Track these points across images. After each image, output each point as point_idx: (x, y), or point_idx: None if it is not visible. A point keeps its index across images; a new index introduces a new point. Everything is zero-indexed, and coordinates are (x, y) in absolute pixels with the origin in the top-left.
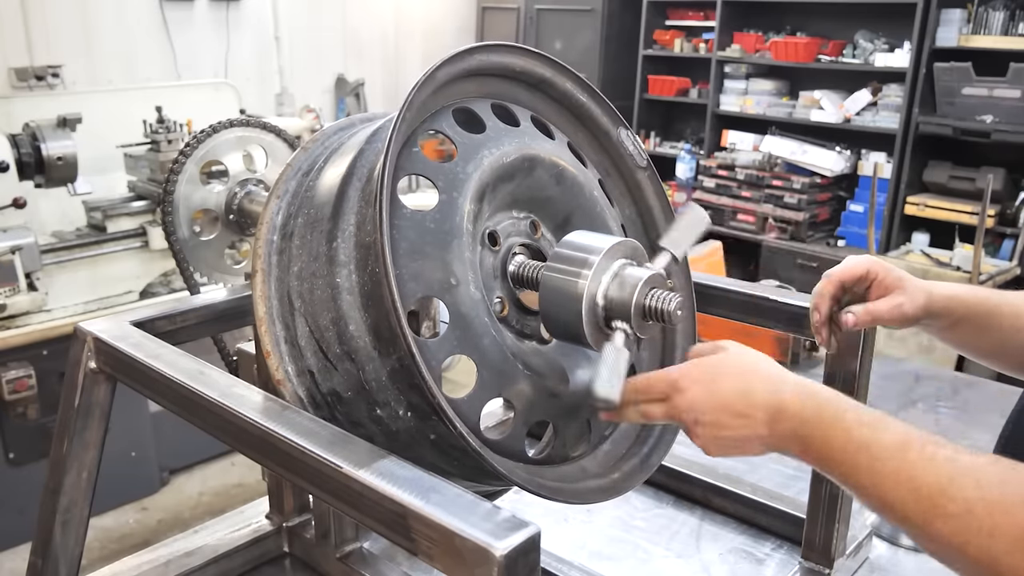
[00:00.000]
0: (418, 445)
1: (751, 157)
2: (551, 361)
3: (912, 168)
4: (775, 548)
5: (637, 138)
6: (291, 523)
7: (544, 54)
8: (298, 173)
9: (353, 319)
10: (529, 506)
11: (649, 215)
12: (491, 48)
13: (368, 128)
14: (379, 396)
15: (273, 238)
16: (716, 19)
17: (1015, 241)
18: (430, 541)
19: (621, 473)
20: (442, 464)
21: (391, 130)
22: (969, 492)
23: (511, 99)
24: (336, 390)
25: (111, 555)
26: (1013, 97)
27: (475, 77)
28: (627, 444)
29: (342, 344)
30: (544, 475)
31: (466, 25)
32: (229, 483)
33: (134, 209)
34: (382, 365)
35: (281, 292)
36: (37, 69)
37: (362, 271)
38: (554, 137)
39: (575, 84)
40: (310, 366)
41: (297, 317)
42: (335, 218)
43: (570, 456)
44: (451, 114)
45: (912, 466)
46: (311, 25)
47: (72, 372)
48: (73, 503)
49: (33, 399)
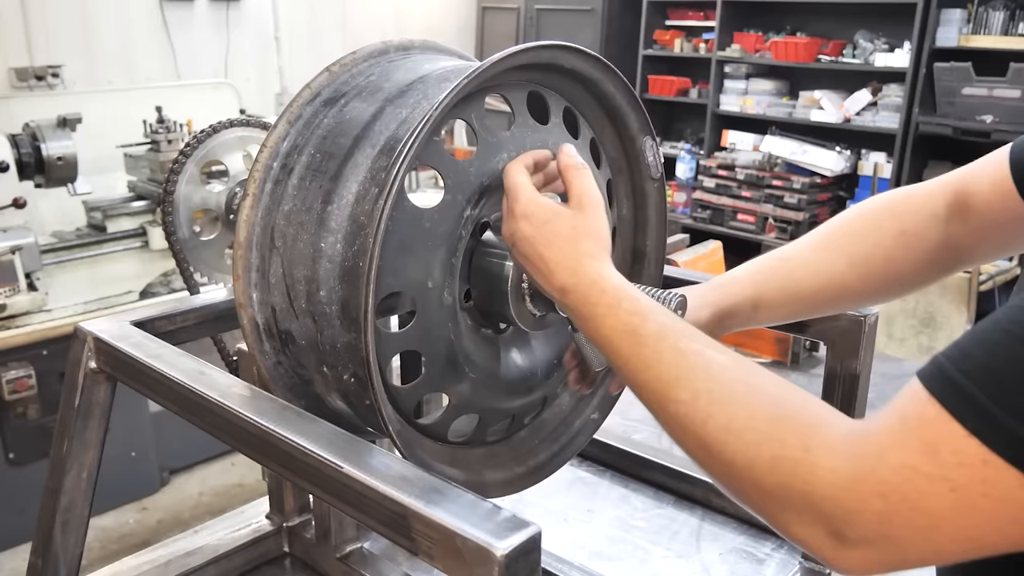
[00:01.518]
0: (352, 405)
1: (751, 157)
2: (500, 352)
3: (912, 168)
4: (775, 548)
5: (660, 152)
6: (291, 523)
7: (600, 58)
8: (315, 100)
9: (326, 286)
10: (529, 506)
11: (644, 223)
12: (552, 48)
13: (400, 68)
14: (330, 358)
15: (273, 164)
16: (716, 19)
17: None
18: (430, 541)
19: (526, 468)
20: (367, 426)
21: (423, 121)
22: (699, 383)
23: (553, 86)
24: (292, 333)
25: (111, 555)
26: (1013, 97)
27: (523, 67)
28: (540, 437)
29: (309, 303)
30: (456, 460)
31: (466, 25)
32: (229, 483)
33: (134, 209)
34: (340, 335)
35: (266, 223)
36: (37, 69)
37: (348, 246)
38: (579, 136)
39: (619, 88)
40: (274, 303)
41: (275, 255)
42: (337, 179)
43: (486, 440)
44: (483, 103)
45: (660, 354)
46: (311, 25)
47: (72, 372)
48: (73, 503)
49: (33, 399)
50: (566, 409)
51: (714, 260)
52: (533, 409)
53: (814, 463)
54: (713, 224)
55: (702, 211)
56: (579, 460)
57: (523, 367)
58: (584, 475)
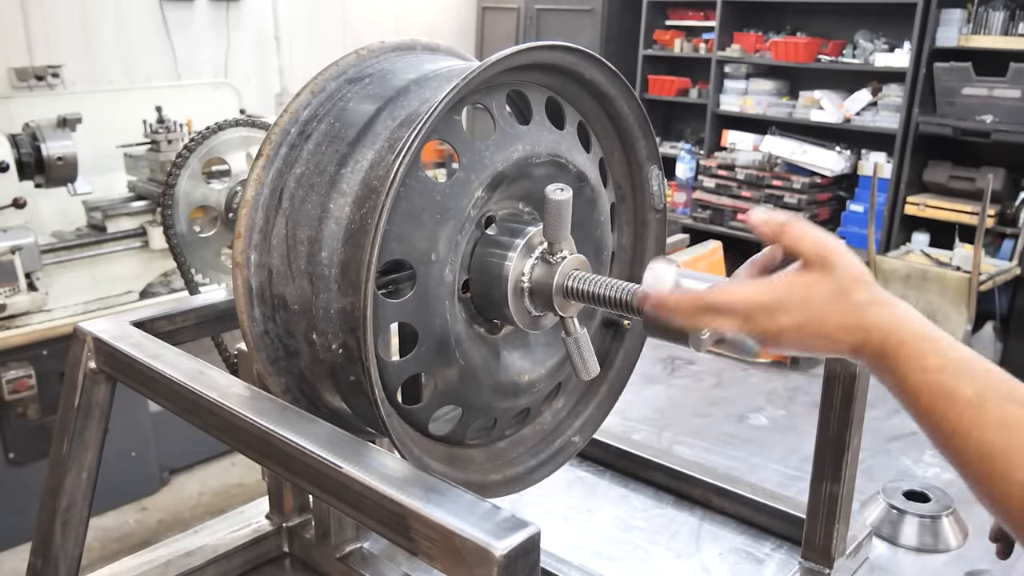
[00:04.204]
0: (335, 379)
1: (751, 157)
2: (491, 351)
3: (912, 168)
4: (775, 548)
5: (664, 182)
6: (291, 523)
7: (620, 75)
8: (340, 77)
9: (329, 247)
10: (529, 506)
11: (642, 255)
12: (573, 51)
13: (425, 61)
14: (321, 324)
15: (291, 130)
16: (716, 19)
17: (1015, 241)
18: (430, 541)
19: (502, 476)
20: (345, 405)
21: (447, 93)
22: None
23: (569, 98)
24: (285, 298)
25: (111, 555)
26: (1013, 97)
27: (544, 69)
28: (520, 450)
29: (309, 264)
30: (433, 453)
31: (466, 25)
32: (229, 483)
33: (134, 209)
34: (335, 300)
35: (276, 185)
36: (37, 69)
37: (357, 209)
38: (590, 150)
39: (632, 109)
40: (272, 265)
41: (280, 215)
42: (354, 144)
43: (465, 441)
44: (505, 95)
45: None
46: (311, 25)
47: (72, 372)
48: (73, 503)
49: (33, 399)
50: (547, 428)
51: (714, 260)
52: (514, 413)
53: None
54: (713, 224)
55: (702, 211)
56: (579, 460)
57: (511, 368)
58: (584, 475)
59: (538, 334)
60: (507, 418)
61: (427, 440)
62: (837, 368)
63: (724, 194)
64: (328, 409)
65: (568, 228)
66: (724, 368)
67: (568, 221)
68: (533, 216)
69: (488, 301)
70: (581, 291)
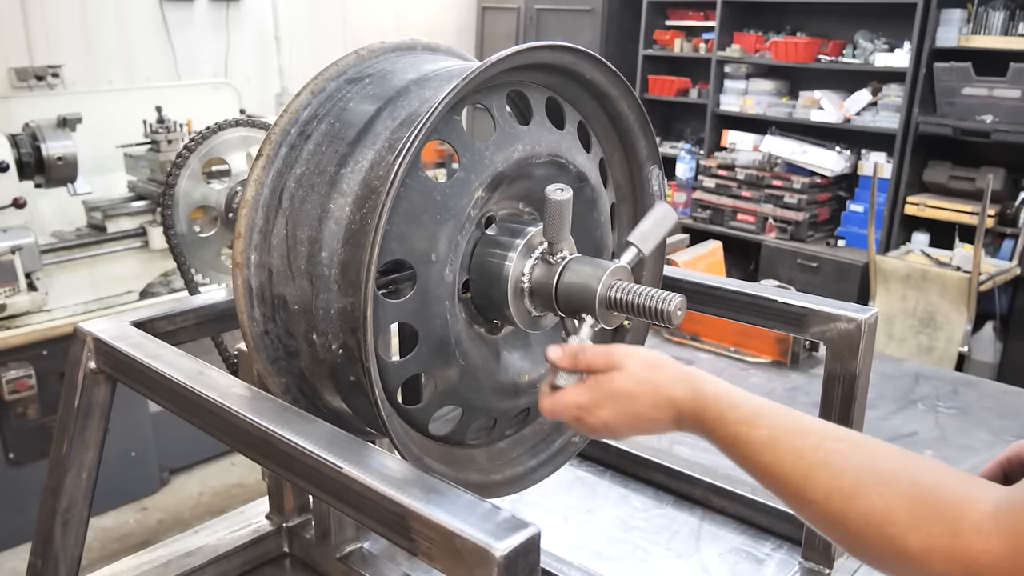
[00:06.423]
0: (335, 379)
1: (751, 157)
2: (490, 351)
3: (912, 168)
4: (775, 548)
5: (664, 182)
6: (291, 523)
7: (620, 75)
8: (340, 77)
9: (329, 247)
10: (529, 506)
11: None
12: (573, 51)
13: (425, 61)
14: (321, 324)
15: (291, 130)
16: (716, 19)
17: (1015, 241)
18: (430, 541)
19: (502, 476)
20: (345, 406)
21: (447, 93)
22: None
23: (570, 98)
24: (285, 298)
25: (111, 555)
26: (1013, 97)
27: (544, 69)
28: (520, 451)
29: (309, 264)
30: (433, 453)
31: (466, 25)
32: (229, 483)
33: (134, 209)
34: (335, 300)
35: (276, 185)
36: (37, 69)
37: (357, 209)
38: (590, 151)
39: (632, 109)
40: (272, 265)
41: (280, 215)
42: (354, 145)
43: (466, 441)
44: (505, 95)
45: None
46: (311, 25)
47: (72, 372)
48: (73, 503)
49: (33, 399)
50: (548, 428)
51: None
52: (515, 413)
53: (966, 547)
54: (713, 224)
55: (702, 211)
56: (579, 460)
57: (511, 368)
58: (584, 475)
59: (538, 334)
60: (507, 418)
61: (427, 440)
62: (837, 368)
63: (724, 194)
64: (328, 409)
65: (568, 228)
66: (724, 368)
67: (568, 221)
68: (533, 216)
69: (488, 301)
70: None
